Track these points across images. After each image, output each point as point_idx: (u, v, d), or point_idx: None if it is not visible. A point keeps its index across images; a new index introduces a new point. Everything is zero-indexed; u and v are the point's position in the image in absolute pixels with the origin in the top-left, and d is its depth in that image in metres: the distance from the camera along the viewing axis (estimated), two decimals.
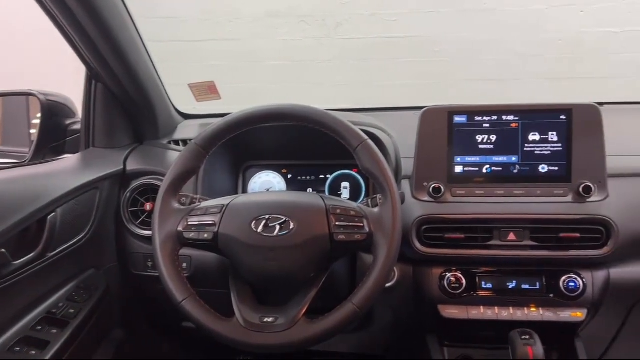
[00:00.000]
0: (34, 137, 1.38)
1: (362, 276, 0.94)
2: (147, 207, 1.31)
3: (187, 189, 1.15)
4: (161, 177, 1.24)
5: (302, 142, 1.37)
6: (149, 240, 1.12)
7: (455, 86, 3.17)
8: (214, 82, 1.50)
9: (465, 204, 1.17)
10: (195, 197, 1.06)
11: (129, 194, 1.31)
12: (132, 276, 1.33)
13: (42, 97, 1.38)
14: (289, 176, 1.45)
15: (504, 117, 1.17)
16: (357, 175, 1.40)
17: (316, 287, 0.99)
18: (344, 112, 1.34)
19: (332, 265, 1.04)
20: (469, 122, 1.18)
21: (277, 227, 0.96)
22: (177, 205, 1.02)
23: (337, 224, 0.96)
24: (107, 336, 1.34)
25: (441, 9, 3.15)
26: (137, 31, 1.26)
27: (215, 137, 1.03)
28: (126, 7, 1.20)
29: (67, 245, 1.15)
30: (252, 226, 0.96)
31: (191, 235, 0.98)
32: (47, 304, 1.11)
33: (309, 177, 1.44)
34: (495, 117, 1.18)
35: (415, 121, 1.20)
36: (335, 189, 1.42)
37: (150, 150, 1.41)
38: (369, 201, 1.02)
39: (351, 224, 0.96)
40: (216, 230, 0.97)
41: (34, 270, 1.06)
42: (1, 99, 1.53)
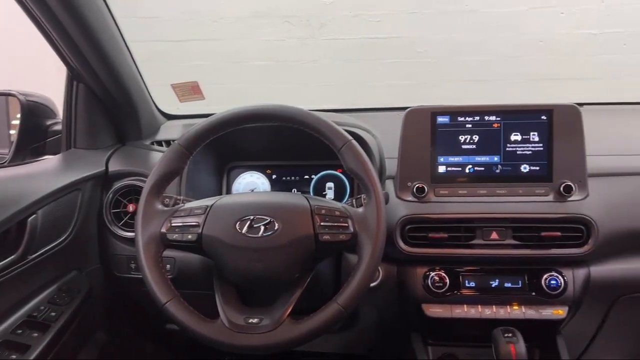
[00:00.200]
0: (14, 138, 1.36)
1: (347, 276, 0.94)
2: (130, 208, 1.29)
3: (171, 190, 1.14)
4: (144, 178, 1.23)
5: (286, 143, 1.37)
6: (132, 242, 1.11)
7: (438, 87, 3.19)
8: (197, 82, 1.50)
9: (448, 203, 1.18)
10: (178, 198, 1.05)
11: (111, 195, 1.30)
12: (115, 278, 1.32)
13: (22, 98, 1.36)
14: (274, 177, 1.44)
15: (486, 118, 1.19)
16: (341, 175, 1.41)
17: (301, 288, 0.99)
18: (328, 113, 1.35)
19: (317, 265, 1.04)
20: (452, 123, 1.19)
21: (262, 228, 0.95)
22: (160, 206, 1.01)
23: (321, 224, 0.96)
24: (89, 339, 1.32)
25: (424, 10, 3.17)
26: (119, 31, 1.25)
27: (198, 137, 1.03)
28: (108, 6, 1.18)
29: (48, 247, 1.14)
30: (237, 227, 0.96)
31: (175, 236, 0.97)
32: (28, 307, 1.09)
33: (293, 178, 1.44)
34: (477, 118, 1.19)
35: (399, 122, 1.21)
36: (319, 190, 1.42)
37: (132, 151, 1.40)
38: (354, 201, 1.02)
39: (336, 224, 0.96)
40: (200, 231, 0.97)
41: (14, 273, 1.04)
42: None
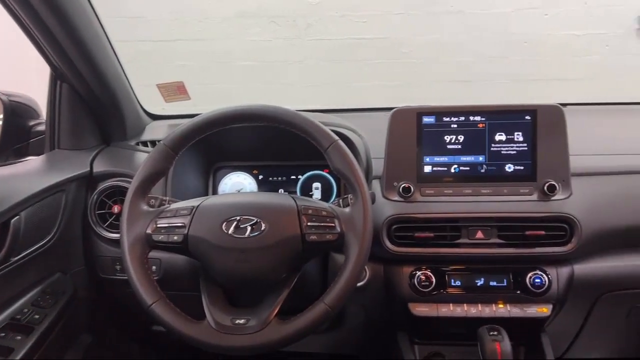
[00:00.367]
0: None
1: (334, 276, 0.94)
2: (115, 209, 1.28)
3: (156, 190, 1.13)
4: (129, 179, 1.22)
5: (273, 143, 1.37)
6: (117, 243, 1.10)
7: (424, 87, 3.21)
8: (182, 82, 1.49)
9: (434, 203, 1.18)
10: (164, 199, 1.05)
11: (96, 196, 1.29)
12: (100, 280, 1.31)
13: (4, 98, 1.35)
14: (260, 177, 1.44)
15: (471, 118, 1.20)
16: (328, 175, 1.41)
17: (288, 288, 0.99)
18: (314, 113, 1.35)
19: (303, 265, 1.04)
20: (438, 123, 1.20)
21: (249, 229, 0.95)
22: (145, 207, 1.01)
23: (308, 224, 0.96)
24: (74, 341, 1.31)
25: (410, 11, 3.18)
26: (104, 30, 1.24)
27: (184, 137, 1.02)
28: (92, 6, 1.17)
29: (32, 249, 1.12)
30: (223, 228, 0.96)
31: (160, 237, 0.97)
32: (11, 309, 1.08)
33: (280, 178, 1.44)
34: (462, 118, 1.20)
35: (385, 122, 1.21)
36: (306, 190, 1.42)
37: (117, 151, 1.39)
38: (340, 201, 1.02)
39: (323, 224, 0.96)
40: (186, 232, 0.96)
41: None
42: None
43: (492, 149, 1.19)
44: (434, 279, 1.17)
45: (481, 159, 1.20)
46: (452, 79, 3.19)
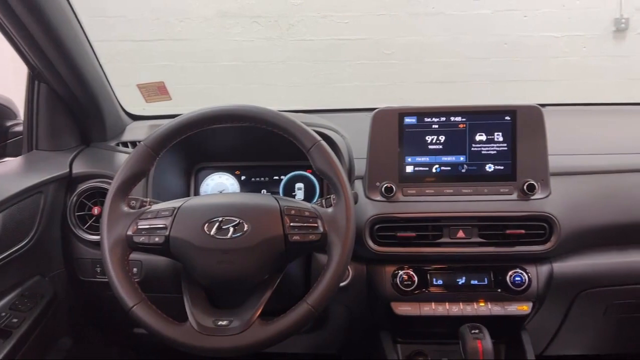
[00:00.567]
0: None
1: (317, 276, 0.94)
2: (95, 211, 1.27)
3: (137, 192, 1.12)
4: (109, 180, 1.20)
5: (255, 143, 1.36)
6: (98, 245, 1.09)
7: (405, 88, 3.23)
8: (163, 82, 1.48)
9: (416, 202, 1.19)
10: (145, 200, 1.04)
11: (75, 198, 1.27)
12: (80, 282, 1.29)
13: None
14: (243, 178, 1.44)
15: (452, 119, 1.21)
16: (311, 176, 1.41)
17: (271, 289, 0.99)
18: (297, 113, 1.35)
19: (286, 266, 1.04)
20: (419, 123, 1.21)
21: (231, 229, 0.95)
22: (126, 208, 1.00)
23: (291, 224, 0.96)
24: (54, 345, 1.29)
25: (392, 12, 3.20)
26: (83, 30, 1.23)
27: (165, 138, 1.01)
28: (70, 4, 1.16)
29: (9, 252, 1.10)
30: (205, 229, 0.95)
31: (141, 239, 0.96)
32: None
33: (262, 179, 1.43)
34: (443, 118, 1.21)
35: (367, 122, 1.21)
36: (289, 190, 1.42)
37: (97, 152, 1.37)
38: (323, 201, 1.03)
39: (305, 225, 0.96)
40: (167, 233, 0.96)
41: None
42: None
43: (472, 149, 1.20)
44: (416, 278, 1.18)
45: (462, 159, 1.21)
46: (433, 79, 3.22)
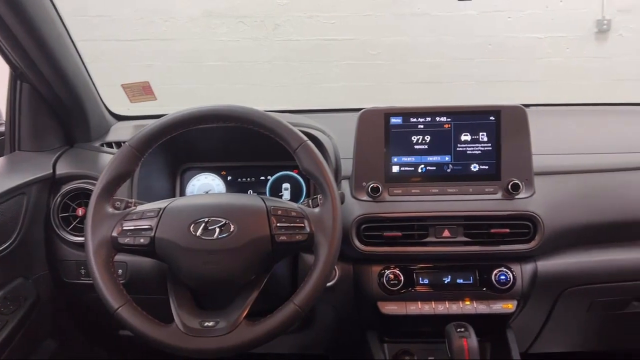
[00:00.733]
0: None
1: (304, 276, 0.94)
2: (79, 212, 1.25)
3: (122, 193, 1.12)
4: (93, 181, 1.19)
5: (241, 144, 1.36)
6: (82, 246, 1.08)
7: (391, 88, 3.25)
8: (148, 82, 1.47)
9: (402, 202, 1.20)
10: (130, 201, 1.03)
11: (59, 199, 1.25)
12: (64, 284, 1.28)
13: None
14: (229, 178, 1.43)
15: (437, 119, 1.21)
16: (297, 176, 1.41)
17: (257, 289, 0.99)
18: (283, 114, 1.35)
19: (273, 266, 1.04)
20: (405, 124, 1.21)
21: (217, 230, 0.95)
22: (111, 209, 0.99)
23: (278, 225, 0.96)
24: (38, 348, 1.28)
25: (378, 12, 3.21)
26: (66, 29, 1.21)
27: (150, 138, 1.01)
28: (53, 3, 1.15)
29: None
30: (191, 229, 0.95)
31: (126, 240, 0.95)
32: None
33: (249, 179, 1.43)
34: (429, 119, 1.21)
35: (353, 122, 1.22)
36: (276, 191, 1.41)
37: (81, 153, 1.36)
38: (310, 202, 1.03)
39: (292, 225, 0.96)
40: (153, 234, 0.95)
41: None
42: None
43: (457, 149, 1.21)
44: (403, 278, 1.18)
45: (447, 158, 1.22)
46: (419, 80, 3.24)
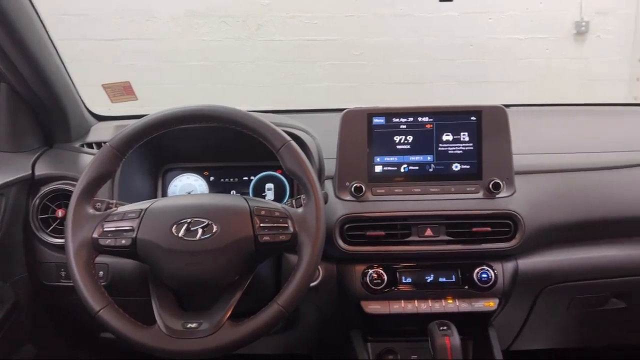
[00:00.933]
0: None
1: (287, 276, 0.94)
2: (59, 213, 1.24)
3: (103, 194, 1.10)
4: (73, 182, 1.18)
5: (224, 144, 1.35)
6: (62, 248, 1.06)
7: (375, 88, 3.26)
8: (129, 82, 1.45)
9: (385, 202, 1.20)
10: (111, 202, 1.02)
11: (38, 201, 1.24)
12: (43, 287, 1.26)
13: None
14: (212, 178, 1.42)
15: (419, 119, 1.22)
16: (281, 176, 1.41)
17: (241, 290, 0.99)
18: (266, 114, 1.34)
19: (257, 266, 1.04)
20: (387, 124, 1.22)
21: (200, 231, 0.94)
22: (91, 211, 0.98)
23: (261, 225, 0.96)
24: (17, 353, 1.26)
25: (360, 13, 3.22)
26: (45, 28, 1.20)
27: (131, 139, 1.00)
28: (32, 3, 1.13)
29: None
30: (173, 230, 0.94)
31: (107, 241, 0.94)
32: None
33: (232, 179, 1.42)
34: (411, 119, 1.22)
35: (336, 122, 1.22)
36: (259, 191, 1.41)
37: (61, 153, 1.34)
38: (293, 202, 1.03)
39: (275, 225, 0.96)
40: (134, 235, 0.94)
41: None
42: None
43: (439, 149, 1.22)
44: (386, 277, 1.19)
45: (429, 158, 1.23)
46: (401, 80, 3.26)
